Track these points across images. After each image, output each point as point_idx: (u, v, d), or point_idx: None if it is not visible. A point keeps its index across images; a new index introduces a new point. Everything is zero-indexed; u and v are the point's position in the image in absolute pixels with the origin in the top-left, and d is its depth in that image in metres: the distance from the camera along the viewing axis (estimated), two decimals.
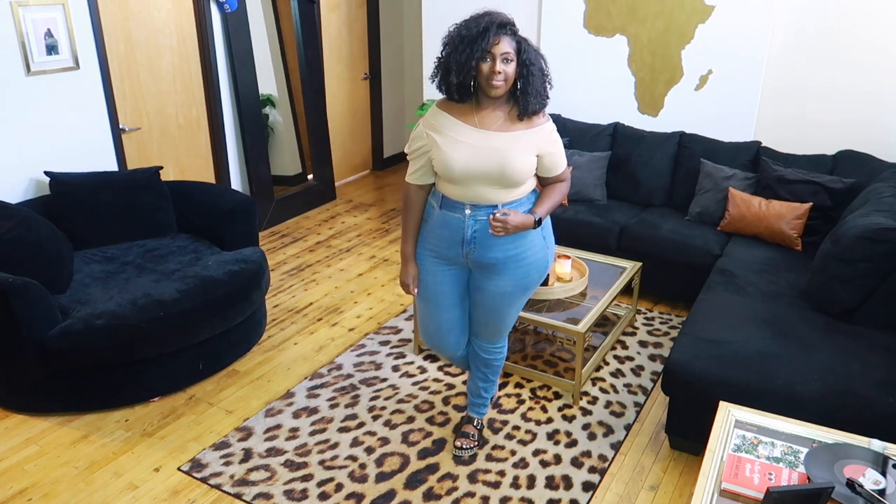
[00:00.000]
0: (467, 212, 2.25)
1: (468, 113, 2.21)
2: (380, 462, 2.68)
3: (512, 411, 2.99)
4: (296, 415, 2.95)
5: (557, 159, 2.28)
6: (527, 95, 2.14)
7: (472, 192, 2.22)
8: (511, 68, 2.11)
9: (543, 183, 2.35)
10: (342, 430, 2.86)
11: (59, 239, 3.17)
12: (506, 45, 2.08)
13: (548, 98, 2.20)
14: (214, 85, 4.51)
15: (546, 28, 4.57)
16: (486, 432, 2.84)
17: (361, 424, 2.90)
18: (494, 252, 2.28)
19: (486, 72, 2.10)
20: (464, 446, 2.70)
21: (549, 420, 2.93)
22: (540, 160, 2.25)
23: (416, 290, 2.46)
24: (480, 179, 2.19)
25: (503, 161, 2.15)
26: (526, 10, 4.64)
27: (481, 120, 2.19)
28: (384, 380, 3.21)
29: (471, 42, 2.07)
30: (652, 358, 3.40)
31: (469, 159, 2.16)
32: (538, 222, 2.25)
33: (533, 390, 3.13)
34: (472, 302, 2.47)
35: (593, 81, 4.52)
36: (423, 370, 3.29)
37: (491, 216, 2.17)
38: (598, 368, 3.30)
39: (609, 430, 2.87)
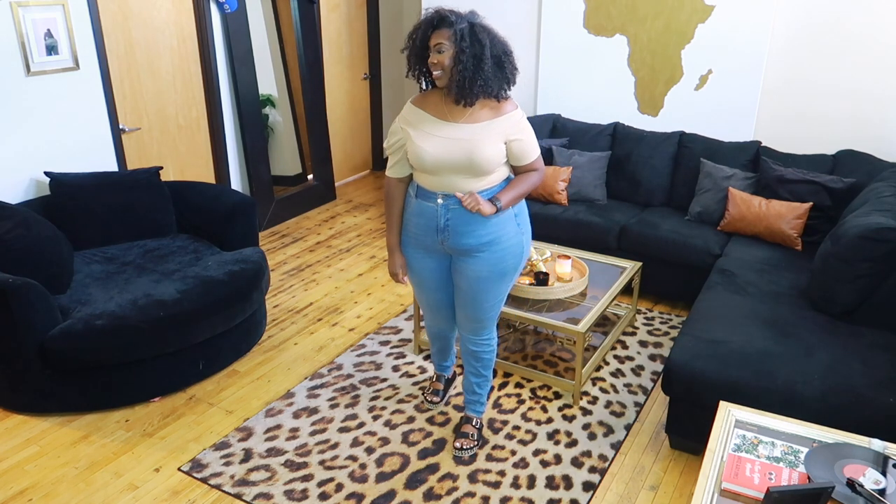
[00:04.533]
0: (440, 201, 2.35)
1: (439, 107, 2.31)
2: (380, 462, 2.68)
3: (512, 411, 2.99)
4: (296, 415, 2.95)
5: (526, 146, 2.33)
6: (451, 81, 2.19)
7: (445, 181, 2.31)
8: (445, 58, 2.19)
9: (515, 172, 2.42)
10: (342, 430, 2.86)
11: (59, 239, 3.17)
12: (439, 37, 2.19)
13: (495, 86, 2.21)
14: (214, 85, 4.51)
15: (546, 28, 4.57)
16: (486, 432, 2.85)
17: (361, 424, 2.90)
18: (468, 238, 2.36)
19: (429, 65, 2.23)
20: (463, 446, 2.70)
21: (550, 420, 2.93)
22: (508, 147, 2.31)
23: (405, 279, 2.58)
24: (451, 169, 2.28)
25: (471, 151, 2.24)
26: (526, 10, 4.64)
27: (450, 112, 2.29)
28: (384, 380, 3.21)
29: (413, 41, 2.24)
30: (652, 358, 3.40)
31: (439, 151, 2.26)
32: (497, 208, 2.30)
33: (533, 390, 3.13)
34: (454, 286, 2.55)
35: (593, 81, 4.52)
36: (423, 370, 3.29)
37: (463, 195, 2.26)
38: (598, 368, 3.30)
39: (609, 430, 2.87)
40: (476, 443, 2.74)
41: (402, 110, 2.39)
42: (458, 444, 2.71)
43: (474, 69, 2.18)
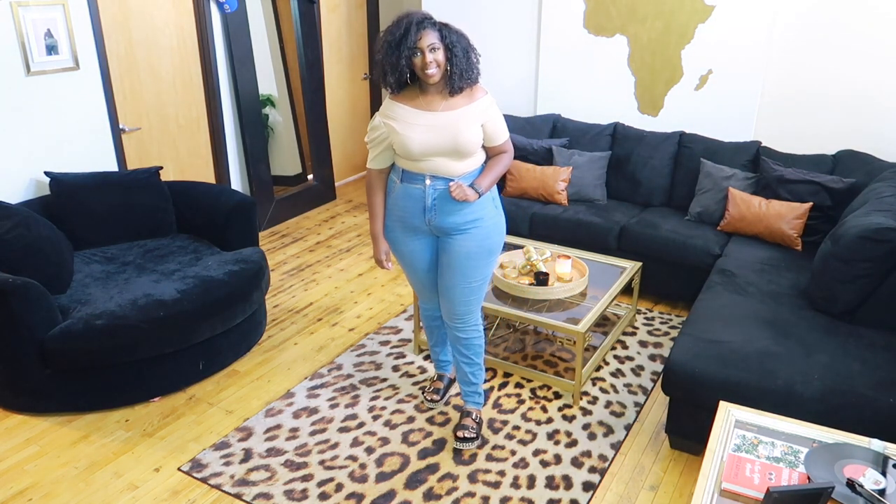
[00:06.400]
0: (427, 182, 2.49)
1: (416, 99, 2.46)
2: (380, 462, 2.68)
3: (512, 411, 2.99)
4: (296, 415, 2.95)
5: (498, 127, 2.53)
6: (453, 74, 2.38)
7: (432, 165, 2.46)
8: (440, 55, 2.35)
9: (489, 154, 2.60)
10: (342, 430, 2.86)
11: (59, 239, 3.17)
12: (429, 38, 2.32)
13: (476, 72, 2.44)
14: (214, 85, 4.51)
15: (546, 28, 4.57)
16: (486, 432, 2.85)
17: (361, 424, 2.90)
18: (454, 217, 2.52)
19: (419, 65, 2.35)
20: (466, 436, 2.72)
21: (549, 420, 2.93)
22: (483, 129, 2.49)
23: (390, 265, 2.71)
24: (437, 154, 2.44)
25: (455, 136, 2.41)
26: (526, 10, 4.64)
27: (428, 103, 2.45)
28: (384, 380, 3.21)
29: (397, 44, 2.32)
30: (652, 358, 3.40)
31: (425, 138, 2.41)
32: (479, 194, 2.49)
33: (533, 390, 3.13)
34: (440, 266, 2.63)
35: (593, 81, 4.52)
36: (423, 370, 3.29)
37: (450, 184, 2.44)
38: (598, 368, 3.30)
39: (609, 430, 2.87)
40: (477, 434, 2.75)
41: (382, 106, 2.53)
42: (459, 435, 2.73)
43: (466, 61, 2.39)
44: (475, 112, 2.45)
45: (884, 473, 1.71)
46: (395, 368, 3.30)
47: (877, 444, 1.82)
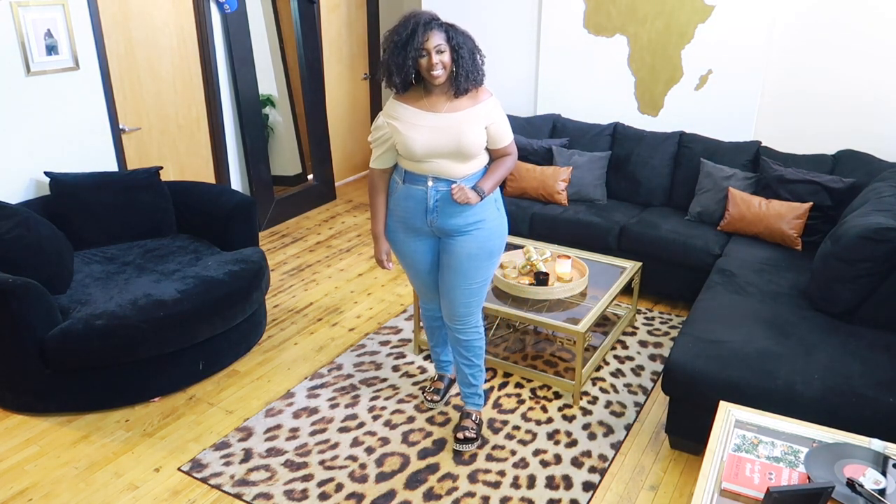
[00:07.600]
0: (430, 183, 2.48)
1: (420, 100, 2.46)
2: (380, 462, 2.68)
3: (512, 411, 2.99)
4: (296, 415, 2.95)
5: (502, 130, 2.51)
6: (458, 76, 2.37)
7: (435, 166, 2.46)
8: (446, 57, 2.34)
9: (492, 156, 2.58)
10: (342, 430, 2.86)
11: (59, 239, 3.17)
12: (436, 39, 2.31)
13: (482, 74, 2.43)
14: (214, 85, 4.51)
15: (546, 28, 4.57)
16: (486, 432, 2.85)
17: (361, 424, 2.90)
18: (455, 219, 2.51)
19: (425, 66, 2.34)
20: (467, 436, 2.71)
21: (550, 420, 2.93)
22: (487, 132, 2.48)
23: (391, 265, 2.71)
24: (440, 155, 2.43)
25: (458, 137, 2.40)
26: (526, 10, 4.64)
27: (432, 104, 2.44)
28: (384, 380, 3.21)
29: (403, 45, 2.31)
30: (652, 358, 3.40)
31: (428, 139, 2.40)
32: (482, 196, 2.49)
33: (533, 390, 3.13)
34: (442, 267, 2.63)
35: (593, 81, 4.52)
36: (423, 370, 3.29)
37: (453, 186, 2.44)
38: (598, 368, 3.30)
39: (609, 430, 2.87)
40: (477, 436, 2.75)
41: (385, 106, 2.52)
42: (459, 436, 2.72)
43: (471, 62, 2.38)
44: (479, 114, 2.44)
45: (884, 473, 1.71)
46: (395, 368, 3.30)
47: (877, 444, 1.82)
